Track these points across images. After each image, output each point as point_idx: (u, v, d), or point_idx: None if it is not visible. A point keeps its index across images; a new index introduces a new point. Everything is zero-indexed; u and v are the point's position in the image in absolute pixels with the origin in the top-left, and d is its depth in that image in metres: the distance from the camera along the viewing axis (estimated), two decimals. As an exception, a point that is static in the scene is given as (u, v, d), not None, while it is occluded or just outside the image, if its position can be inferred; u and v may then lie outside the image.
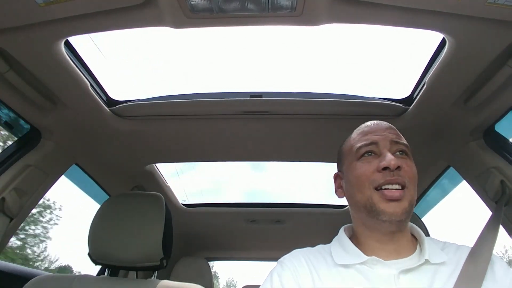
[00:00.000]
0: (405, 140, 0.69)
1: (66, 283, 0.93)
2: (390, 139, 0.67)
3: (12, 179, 1.03)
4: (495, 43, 0.77)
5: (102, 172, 1.43)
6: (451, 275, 0.60)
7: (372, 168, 0.64)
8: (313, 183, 9.49)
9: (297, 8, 0.72)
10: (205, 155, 1.40)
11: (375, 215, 0.62)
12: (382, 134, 0.68)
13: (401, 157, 0.66)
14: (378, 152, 0.66)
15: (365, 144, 0.67)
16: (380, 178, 0.63)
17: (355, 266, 0.63)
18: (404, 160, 0.65)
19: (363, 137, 0.69)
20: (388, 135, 0.68)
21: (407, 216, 0.63)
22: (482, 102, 0.94)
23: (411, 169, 0.65)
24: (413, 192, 0.64)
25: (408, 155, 0.67)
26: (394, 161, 0.62)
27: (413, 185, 0.64)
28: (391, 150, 0.66)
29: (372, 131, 0.70)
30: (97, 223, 1.01)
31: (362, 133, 0.71)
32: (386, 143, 0.66)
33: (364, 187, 0.64)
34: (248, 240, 2.24)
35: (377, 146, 0.66)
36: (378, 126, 0.71)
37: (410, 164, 0.66)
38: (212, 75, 6.94)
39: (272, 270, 0.69)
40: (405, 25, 0.77)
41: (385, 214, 0.61)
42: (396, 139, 0.67)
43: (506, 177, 0.99)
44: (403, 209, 0.61)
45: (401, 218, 0.61)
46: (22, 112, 1.01)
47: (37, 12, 0.69)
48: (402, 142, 0.68)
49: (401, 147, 0.67)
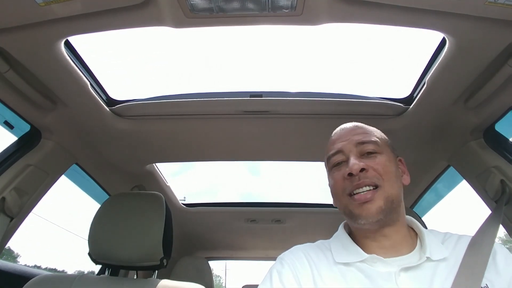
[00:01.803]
0: (375, 137, 0.69)
1: (67, 282, 0.93)
2: (355, 142, 0.67)
3: (12, 178, 1.03)
4: (495, 42, 0.77)
5: (102, 172, 1.44)
6: (452, 270, 0.60)
7: (342, 176, 0.66)
8: (313, 182, 9.52)
9: (297, 7, 0.72)
10: (205, 154, 1.40)
11: (355, 220, 0.64)
12: (346, 139, 0.69)
13: (369, 157, 0.66)
14: (345, 158, 0.67)
15: (332, 154, 0.69)
16: (349, 185, 0.64)
17: (355, 264, 0.63)
18: (372, 159, 0.65)
19: (331, 146, 0.71)
20: (352, 138, 0.68)
21: (387, 213, 0.62)
22: (482, 101, 0.94)
23: (382, 166, 0.64)
24: (390, 187, 0.63)
25: (379, 151, 0.66)
26: (356, 165, 0.63)
27: (388, 181, 0.63)
28: (358, 152, 0.66)
29: (338, 138, 0.71)
30: (97, 223, 1.01)
31: (331, 142, 0.73)
32: (351, 147, 0.67)
33: (339, 195, 0.66)
34: (248, 239, 2.24)
35: (343, 153, 0.68)
36: (343, 131, 0.72)
37: (380, 161, 0.65)
38: (212, 74, 6.97)
39: (272, 267, 0.68)
40: (405, 24, 0.76)
41: (361, 217, 0.62)
42: (362, 140, 0.67)
43: (506, 176, 1.00)
44: (377, 208, 0.61)
45: (378, 218, 0.61)
46: (22, 111, 1.02)
47: (37, 12, 0.69)
48: (369, 141, 0.67)
49: (367, 147, 0.66)
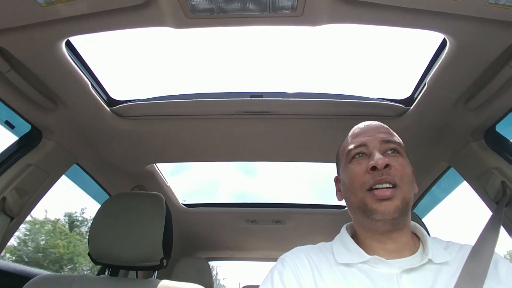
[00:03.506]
0: (398, 139, 0.69)
1: (67, 282, 0.93)
2: (380, 139, 0.67)
3: (13, 178, 1.03)
4: (496, 43, 0.77)
5: (102, 172, 1.44)
6: (454, 275, 0.60)
7: (363, 169, 0.65)
8: (313, 183, 9.51)
9: (298, 8, 0.72)
10: (206, 155, 1.40)
11: (369, 215, 0.63)
12: (372, 135, 0.69)
13: (392, 155, 0.66)
14: (368, 153, 0.67)
15: (355, 146, 0.69)
16: (370, 179, 0.63)
17: (357, 265, 0.63)
18: (395, 158, 0.65)
19: (354, 139, 0.70)
20: (378, 135, 0.68)
21: (401, 214, 0.62)
22: (483, 102, 0.94)
23: (403, 167, 0.64)
24: (407, 190, 0.63)
25: (401, 153, 0.67)
26: (382, 160, 0.63)
27: (406, 183, 0.64)
28: (382, 149, 0.66)
29: (362, 132, 0.71)
30: (97, 223, 1.01)
31: (353, 135, 0.72)
32: (375, 143, 0.67)
33: (357, 189, 0.65)
34: (248, 240, 2.24)
35: (367, 147, 0.67)
36: (368, 127, 0.72)
37: (401, 162, 0.65)
38: (213, 75, 6.97)
39: (273, 268, 0.68)
40: (405, 25, 0.76)
41: (378, 213, 0.62)
42: (387, 138, 0.68)
43: (506, 177, 0.99)
44: (395, 207, 0.61)
45: (394, 216, 0.61)
46: (23, 111, 1.02)
47: (38, 12, 0.69)
48: (393, 141, 0.68)
49: (392, 146, 0.67)
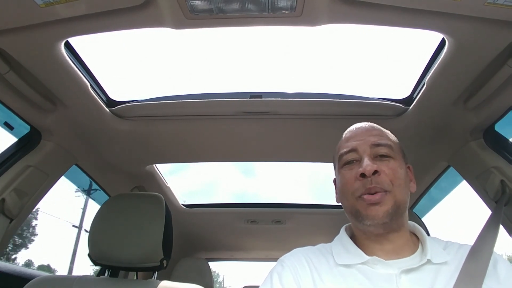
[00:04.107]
0: (390, 140, 0.69)
1: (66, 284, 0.93)
2: (370, 143, 0.67)
3: (12, 180, 1.03)
4: (495, 43, 0.77)
5: (102, 173, 1.43)
6: (453, 275, 0.60)
7: (353, 176, 0.65)
8: (313, 183, 9.51)
9: (297, 8, 0.72)
10: (205, 155, 1.40)
11: (361, 220, 0.64)
12: (362, 139, 0.68)
13: (382, 160, 0.65)
14: (358, 158, 0.67)
15: (345, 152, 0.69)
16: (361, 187, 0.63)
17: (356, 266, 0.63)
18: (386, 162, 0.65)
19: (345, 143, 0.71)
20: (368, 139, 0.68)
21: (392, 218, 0.62)
22: (482, 102, 0.94)
23: (393, 171, 0.64)
24: (398, 193, 0.63)
25: (392, 156, 0.66)
26: (370, 167, 0.62)
27: (398, 187, 0.64)
28: (372, 153, 0.66)
29: (352, 136, 0.71)
30: (97, 224, 1.00)
31: (345, 139, 0.72)
32: (365, 147, 0.67)
33: (348, 195, 0.66)
34: (248, 240, 2.24)
35: (357, 152, 0.67)
36: (358, 130, 0.72)
37: (392, 166, 0.65)
38: (212, 75, 6.97)
39: (272, 270, 0.68)
40: (404, 25, 0.77)
41: (368, 218, 0.62)
42: (377, 142, 0.67)
43: (506, 177, 1.00)
44: (384, 212, 0.62)
45: (384, 221, 0.62)
46: (22, 113, 1.02)
47: (37, 13, 0.69)
48: (383, 144, 0.67)
49: (381, 150, 0.66)
